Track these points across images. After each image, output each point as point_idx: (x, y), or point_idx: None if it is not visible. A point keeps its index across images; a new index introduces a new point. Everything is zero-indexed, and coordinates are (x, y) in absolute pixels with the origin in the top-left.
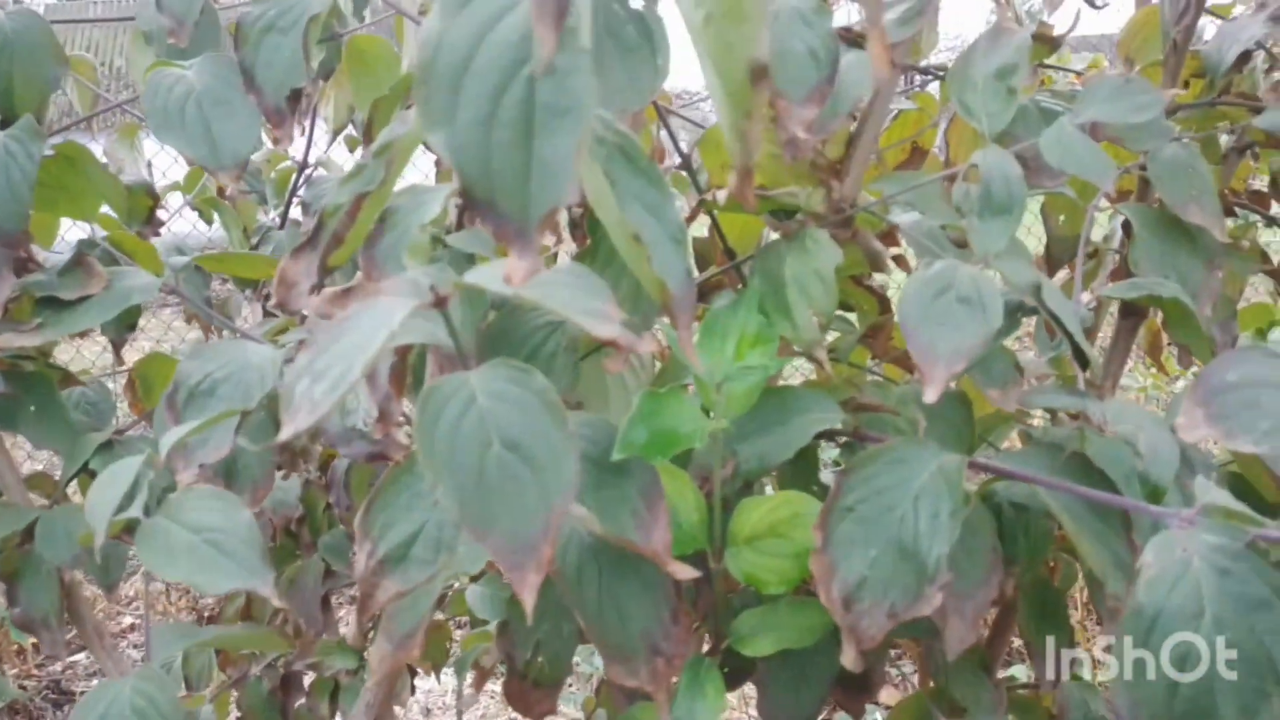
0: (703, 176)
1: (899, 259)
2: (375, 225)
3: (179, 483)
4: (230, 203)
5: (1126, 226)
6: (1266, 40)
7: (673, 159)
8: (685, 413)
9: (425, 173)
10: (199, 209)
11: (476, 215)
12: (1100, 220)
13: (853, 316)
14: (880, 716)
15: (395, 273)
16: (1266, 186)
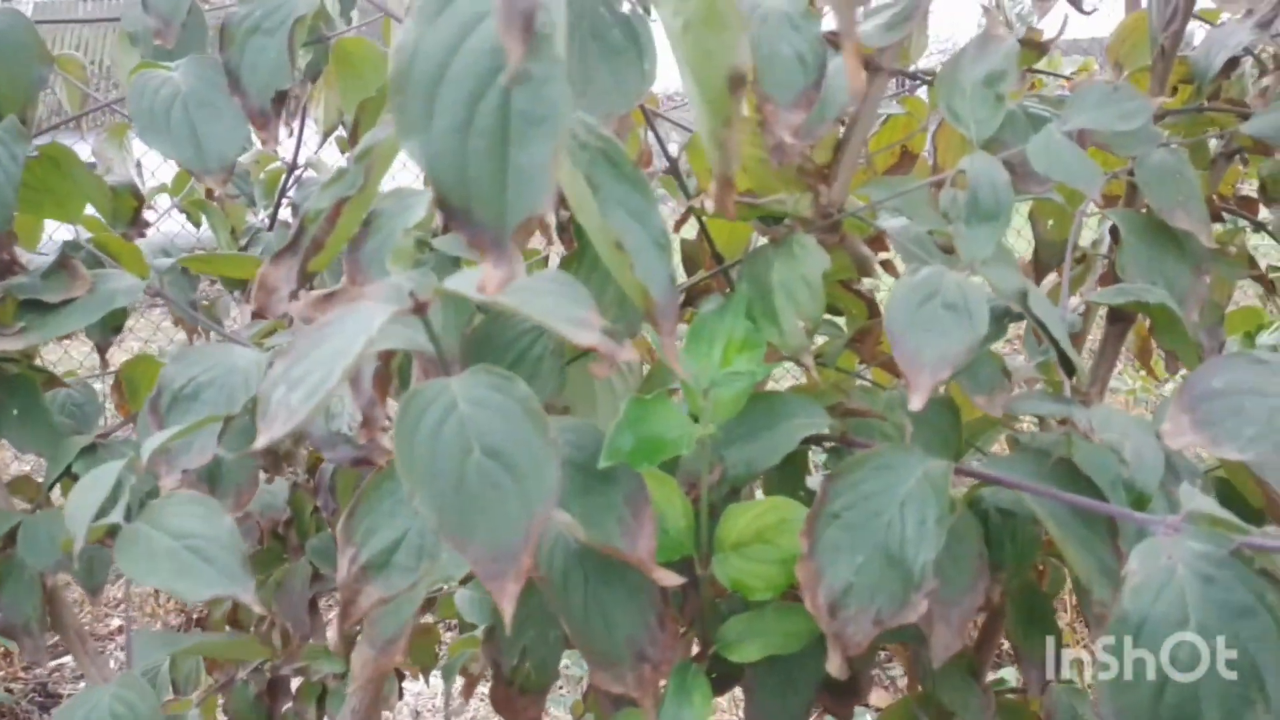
0: (691, 181)
1: (887, 264)
2: (360, 229)
3: (162, 488)
4: (218, 205)
5: (1114, 231)
6: (1254, 46)
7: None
8: (672, 419)
9: (417, 174)
10: (187, 211)
11: (452, 223)
12: (1089, 225)
13: (841, 321)
14: (870, 719)
15: (380, 277)
16: (1256, 192)
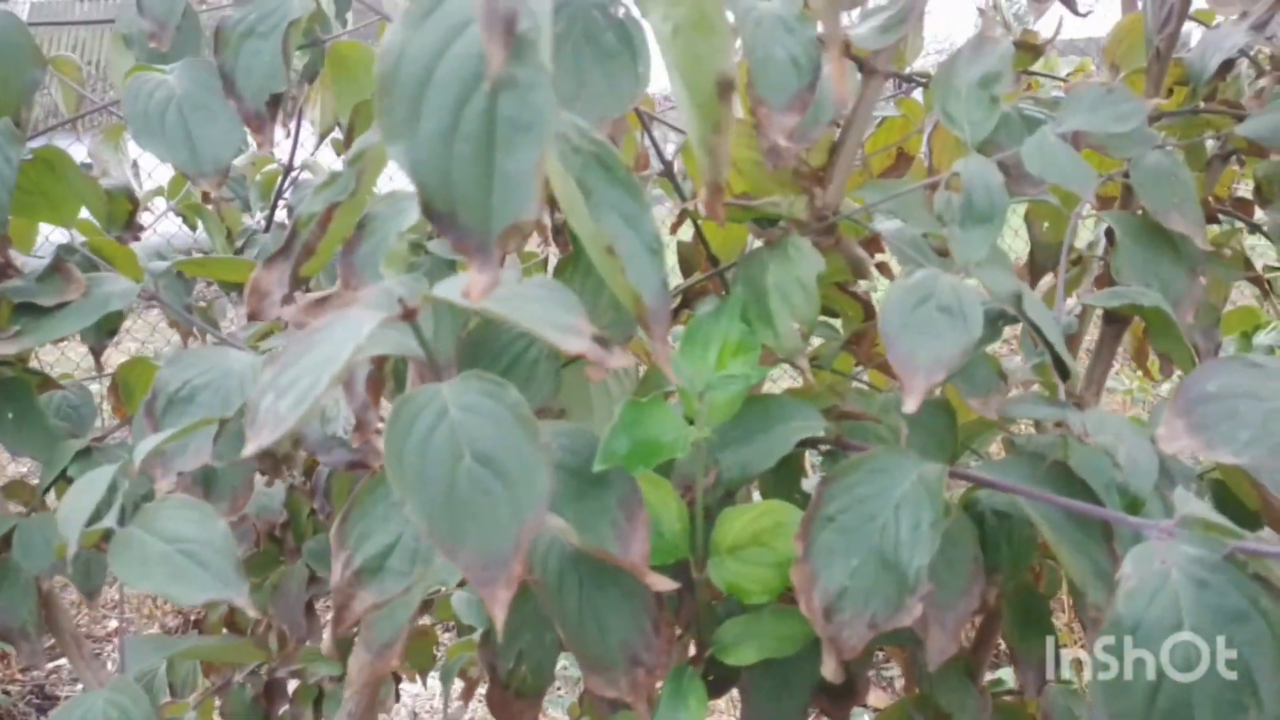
0: (687, 184)
1: (882, 266)
2: (354, 232)
3: (157, 491)
4: (214, 208)
5: (1110, 233)
6: (1250, 48)
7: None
8: (667, 422)
9: None
10: (182, 214)
11: (437, 228)
12: (1085, 227)
13: (837, 323)
14: (868, 719)
15: (374, 280)
16: (1251, 193)
